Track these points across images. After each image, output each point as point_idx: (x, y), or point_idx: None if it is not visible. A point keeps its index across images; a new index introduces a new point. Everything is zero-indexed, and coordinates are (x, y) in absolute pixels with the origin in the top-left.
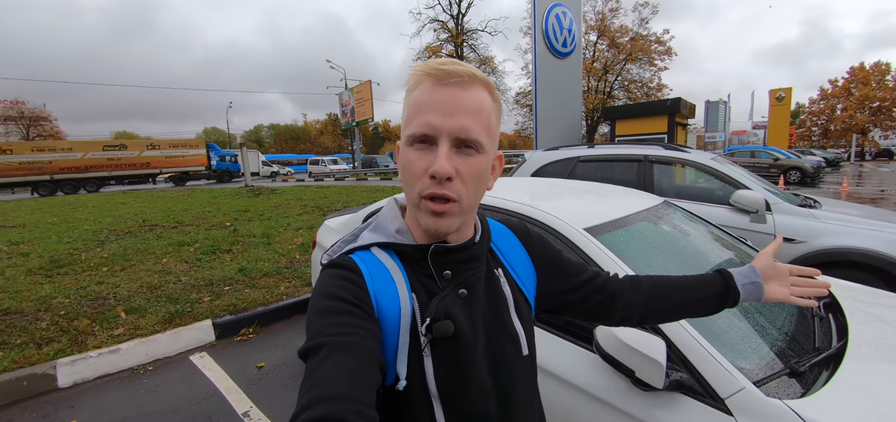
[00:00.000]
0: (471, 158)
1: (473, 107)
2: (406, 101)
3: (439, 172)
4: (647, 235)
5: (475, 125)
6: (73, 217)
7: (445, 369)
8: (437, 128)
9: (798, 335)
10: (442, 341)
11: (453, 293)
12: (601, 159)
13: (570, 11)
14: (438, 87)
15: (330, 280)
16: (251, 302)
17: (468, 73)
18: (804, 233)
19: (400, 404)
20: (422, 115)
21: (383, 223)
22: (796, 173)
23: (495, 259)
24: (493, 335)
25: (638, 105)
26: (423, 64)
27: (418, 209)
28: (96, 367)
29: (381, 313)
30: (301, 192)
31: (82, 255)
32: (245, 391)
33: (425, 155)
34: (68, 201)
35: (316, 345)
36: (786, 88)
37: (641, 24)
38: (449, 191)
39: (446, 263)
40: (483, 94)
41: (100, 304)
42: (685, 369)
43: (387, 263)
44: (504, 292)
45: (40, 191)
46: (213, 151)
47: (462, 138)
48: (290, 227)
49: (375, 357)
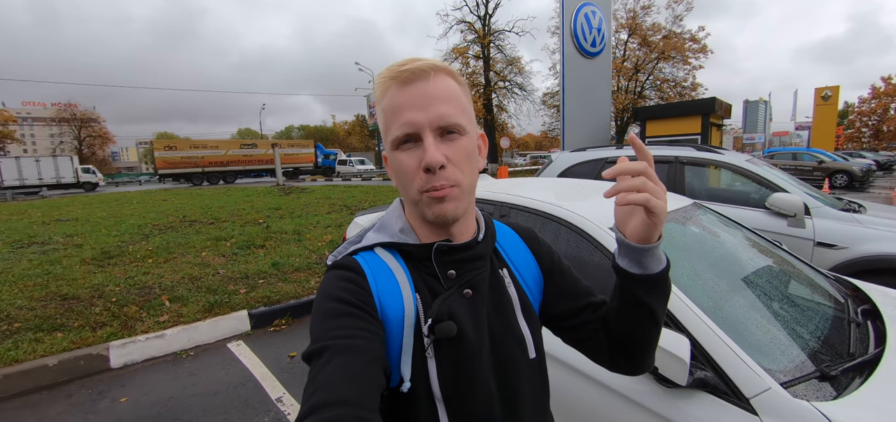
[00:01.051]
0: (456, 142)
1: (444, 95)
2: (379, 111)
3: (432, 162)
4: (675, 236)
5: (452, 110)
6: (120, 212)
7: (449, 371)
8: (418, 123)
9: (832, 340)
10: (445, 341)
11: (458, 293)
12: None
13: (600, 10)
14: (405, 87)
15: (333, 282)
16: (284, 295)
17: (429, 65)
18: (846, 238)
19: (404, 406)
20: (399, 116)
21: (387, 223)
22: (843, 177)
23: (500, 260)
24: (499, 337)
25: (669, 105)
26: (385, 71)
27: (421, 204)
28: (144, 350)
29: (384, 314)
30: (329, 191)
31: (129, 247)
32: (278, 378)
33: (414, 152)
34: (116, 197)
35: (319, 348)
36: (832, 87)
37: (675, 22)
38: (445, 179)
39: (450, 263)
40: (448, 81)
41: (146, 292)
42: (709, 367)
43: (390, 263)
44: (509, 293)
45: (194, 181)
46: (319, 150)
47: (443, 126)
48: (320, 224)
49: (379, 360)
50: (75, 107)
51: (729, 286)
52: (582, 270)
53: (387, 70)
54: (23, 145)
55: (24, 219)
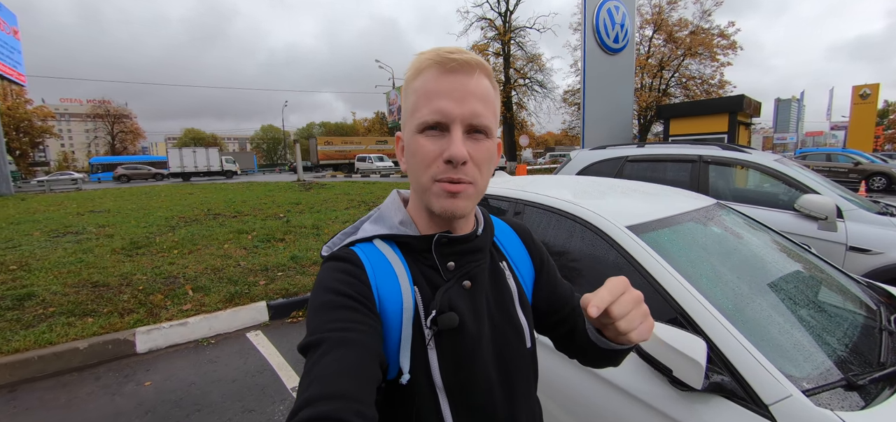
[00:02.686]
0: (482, 143)
1: (481, 93)
2: (409, 89)
3: (457, 156)
4: (695, 236)
5: (485, 111)
6: (148, 205)
7: (450, 361)
8: (450, 114)
9: (861, 348)
10: (447, 332)
11: (457, 285)
12: (651, 159)
13: (624, 5)
14: (446, 74)
15: (331, 273)
16: (301, 287)
17: (474, 60)
18: (882, 243)
19: (404, 397)
20: (432, 102)
21: (386, 215)
22: (882, 180)
23: (499, 253)
24: (498, 326)
25: (695, 103)
26: (427, 52)
27: (430, 193)
28: (168, 337)
29: (382, 307)
30: (348, 187)
31: (156, 238)
32: (294, 368)
33: (437, 141)
34: (144, 191)
35: (316, 341)
36: (872, 85)
37: (703, 17)
38: (464, 175)
39: (450, 255)
40: (487, 81)
41: (171, 282)
42: (726, 371)
43: (389, 255)
44: (508, 285)
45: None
46: None
47: (474, 125)
48: (338, 219)
49: (376, 354)
50: (109, 103)
51: (751, 289)
52: (598, 269)
53: (431, 52)
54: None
55: (61, 210)
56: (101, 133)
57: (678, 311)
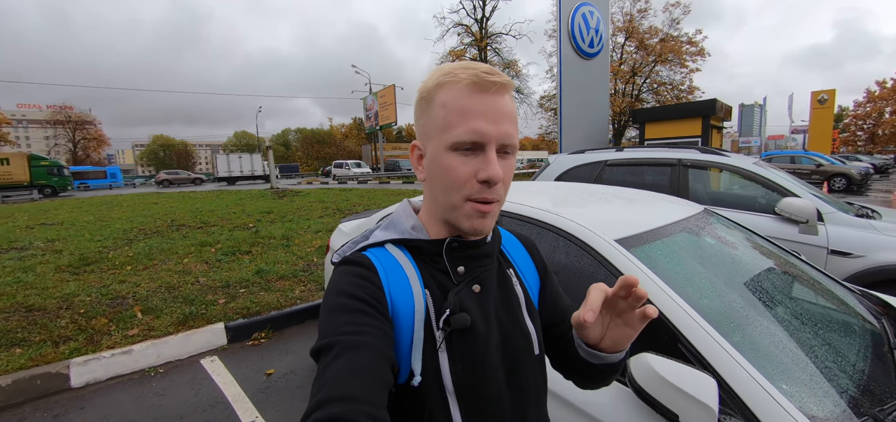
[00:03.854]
0: (508, 161)
1: (511, 113)
2: (435, 102)
3: (494, 178)
4: (690, 250)
5: (514, 130)
6: (107, 216)
7: (461, 364)
8: (487, 135)
9: (876, 373)
10: (457, 335)
11: (467, 288)
12: (631, 163)
13: (598, 11)
14: (481, 94)
15: (344, 277)
16: (265, 305)
17: (507, 80)
18: (862, 246)
19: (414, 400)
20: (468, 121)
21: (398, 221)
22: (842, 180)
23: (506, 261)
24: (507, 331)
25: (669, 107)
26: (459, 66)
27: (460, 211)
28: (108, 368)
29: (395, 310)
30: (324, 194)
31: (110, 253)
32: (252, 400)
33: (470, 160)
34: (105, 201)
35: (328, 344)
36: (829, 90)
37: (672, 25)
38: (496, 195)
39: (460, 259)
40: (512, 100)
41: (119, 303)
42: (741, 415)
43: (400, 259)
44: (516, 291)
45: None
46: None
47: (506, 144)
48: (311, 229)
49: (387, 358)
50: (70, 109)
51: (758, 313)
52: (584, 287)
53: (463, 68)
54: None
55: (9, 223)
56: (61, 140)
57: (683, 342)
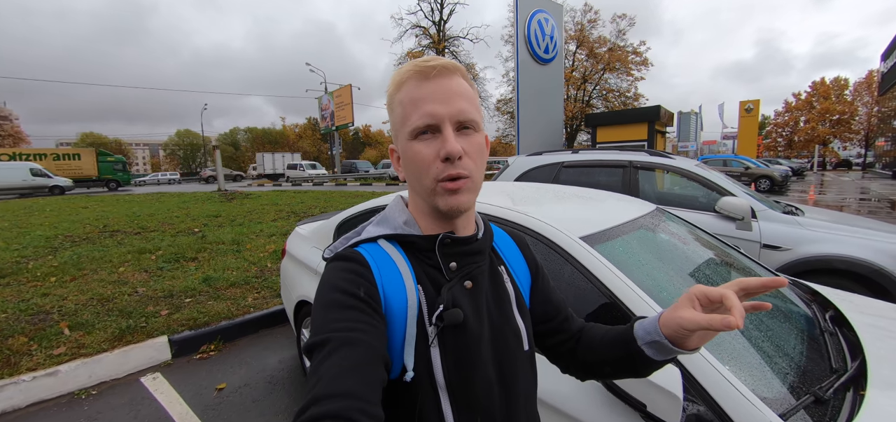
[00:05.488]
0: (471, 137)
1: (463, 92)
2: (394, 103)
3: (452, 152)
4: (648, 246)
5: (469, 107)
6: (27, 222)
7: (452, 359)
8: (439, 115)
9: (814, 356)
10: (449, 330)
11: (459, 284)
12: (586, 165)
13: (552, 18)
14: (428, 81)
15: (337, 273)
16: (214, 316)
17: (450, 64)
18: (790, 240)
19: (406, 395)
20: (420, 108)
21: (390, 217)
22: (766, 182)
23: (498, 258)
24: (498, 328)
25: (619, 112)
26: (406, 66)
27: (435, 194)
28: (29, 393)
29: (388, 305)
30: (277, 197)
31: (29, 263)
32: (200, 418)
33: (432, 143)
34: (24, 205)
35: (322, 340)
36: (754, 100)
37: (619, 36)
38: (462, 169)
39: (452, 255)
40: (463, 81)
41: (41, 319)
42: (703, 401)
43: (393, 254)
44: (507, 288)
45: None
46: None
47: (462, 121)
48: (263, 233)
49: (380, 355)
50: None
51: None
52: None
53: (408, 65)
54: None
55: None
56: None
57: None
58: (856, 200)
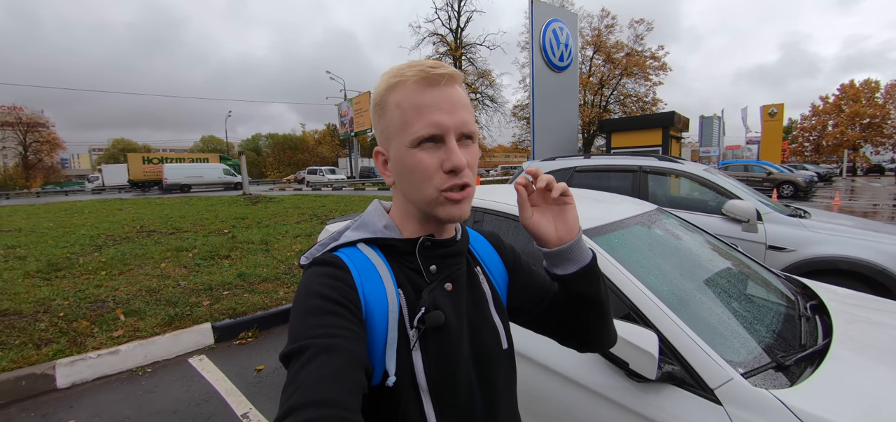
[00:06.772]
0: (471, 148)
1: (465, 102)
2: (389, 104)
3: (459, 165)
4: (642, 238)
5: (470, 118)
6: (69, 223)
7: (434, 362)
8: (445, 126)
9: (785, 333)
10: (431, 333)
11: (440, 287)
12: (597, 169)
13: (567, 27)
14: (433, 88)
15: (315, 279)
16: (250, 306)
17: (455, 72)
18: (794, 242)
19: (388, 401)
20: (425, 116)
21: (369, 221)
22: (789, 187)
23: (474, 259)
24: (476, 328)
25: (633, 118)
26: (403, 66)
27: (436, 204)
28: (95, 368)
29: (368, 309)
30: (299, 201)
31: (80, 259)
32: (244, 393)
33: (434, 153)
34: (65, 207)
35: (299, 348)
36: (778, 105)
37: (636, 41)
38: (466, 179)
39: (432, 258)
40: (462, 89)
41: (98, 306)
42: (676, 361)
43: (373, 258)
44: (484, 289)
45: None
46: None
47: (464, 132)
48: (289, 234)
49: (361, 361)
50: (20, 110)
51: (693, 285)
52: None
53: (408, 66)
54: None
55: None
56: (11, 142)
57: (631, 307)
58: (890, 207)
